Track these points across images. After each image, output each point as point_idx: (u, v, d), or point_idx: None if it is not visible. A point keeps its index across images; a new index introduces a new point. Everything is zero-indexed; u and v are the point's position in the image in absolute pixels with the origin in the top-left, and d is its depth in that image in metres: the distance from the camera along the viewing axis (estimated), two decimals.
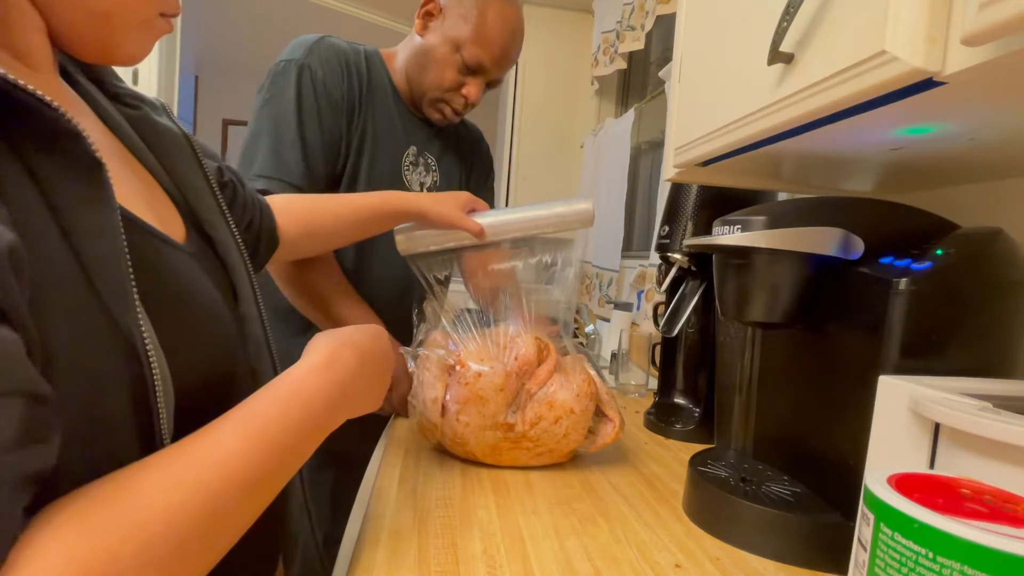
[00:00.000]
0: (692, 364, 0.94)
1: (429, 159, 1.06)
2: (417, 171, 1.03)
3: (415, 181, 1.03)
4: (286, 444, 0.33)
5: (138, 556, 0.24)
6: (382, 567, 0.46)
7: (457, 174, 1.12)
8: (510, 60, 0.98)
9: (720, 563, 0.50)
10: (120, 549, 0.23)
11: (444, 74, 0.94)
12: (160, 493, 0.26)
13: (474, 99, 0.97)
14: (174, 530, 0.26)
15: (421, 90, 0.97)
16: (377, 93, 0.97)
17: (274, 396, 0.35)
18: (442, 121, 1.01)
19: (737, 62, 0.55)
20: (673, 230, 0.88)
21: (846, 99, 0.38)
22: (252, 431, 0.32)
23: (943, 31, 0.32)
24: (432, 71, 0.95)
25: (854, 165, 0.60)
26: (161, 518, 0.25)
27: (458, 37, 0.92)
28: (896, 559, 0.26)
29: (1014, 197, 0.57)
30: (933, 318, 0.45)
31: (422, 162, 1.04)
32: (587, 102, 2.45)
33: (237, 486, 0.29)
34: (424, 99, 0.98)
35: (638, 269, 1.63)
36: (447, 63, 0.93)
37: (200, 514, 0.27)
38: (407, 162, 1.01)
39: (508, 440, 0.66)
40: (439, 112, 0.99)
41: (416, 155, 1.03)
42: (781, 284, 0.53)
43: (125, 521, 0.24)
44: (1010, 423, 0.30)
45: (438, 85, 0.95)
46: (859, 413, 0.45)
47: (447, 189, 1.07)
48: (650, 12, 1.66)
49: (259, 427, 0.32)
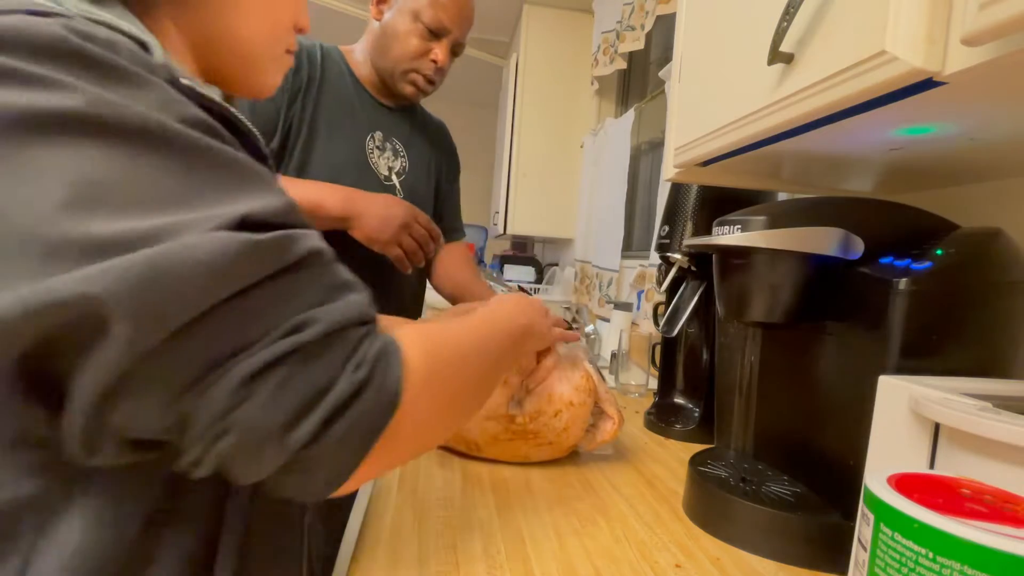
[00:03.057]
0: (692, 364, 0.94)
1: (396, 144, 1.06)
2: (384, 155, 1.04)
3: (383, 165, 1.04)
4: (503, 347, 0.48)
5: (450, 352, 0.39)
6: (382, 567, 0.46)
7: (426, 160, 1.12)
8: (468, 18, 1.01)
9: (720, 563, 0.50)
10: (441, 347, 0.38)
11: (408, 44, 0.96)
12: (460, 335, 0.41)
13: (443, 62, 0.99)
14: (465, 350, 0.41)
15: (389, 67, 0.99)
16: (331, 80, 0.98)
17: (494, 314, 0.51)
18: (416, 94, 1.02)
19: (737, 62, 0.55)
20: (673, 230, 0.88)
21: (846, 99, 0.38)
22: (490, 328, 0.47)
23: (943, 31, 0.32)
24: (396, 45, 0.97)
25: (854, 165, 0.60)
26: (463, 341, 0.41)
27: (415, 7, 0.95)
28: (896, 559, 0.26)
29: (1014, 197, 0.57)
30: (933, 318, 0.45)
31: (389, 147, 1.05)
32: (587, 102, 2.45)
33: (489, 352, 0.45)
34: (395, 75, 0.99)
35: (638, 269, 1.63)
36: (410, 33, 0.96)
37: (476, 353, 0.43)
38: (372, 146, 1.02)
39: (509, 431, 0.67)
40: (411, 84, 1.00)
41: (383, 139, 1.04)
42: (781, 284, 0.53)
43: (445, 335, 0.40)
44: (1010, 423, 0.30)
45: (405, 55, 0.97)
46: (859, 413, 0.45)
47: (417, 174, 1.09)
48: (650, 12, 1.66)
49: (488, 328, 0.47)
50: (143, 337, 0.26)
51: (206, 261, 0.26)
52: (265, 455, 0.29)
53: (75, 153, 0.27)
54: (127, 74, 0.29)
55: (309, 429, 0.28)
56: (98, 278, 0.25)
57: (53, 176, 0.26)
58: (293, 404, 0.28)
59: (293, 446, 0.28)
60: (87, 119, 0.27)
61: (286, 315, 0.29)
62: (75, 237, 0.26)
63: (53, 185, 0.26)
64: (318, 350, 0.29)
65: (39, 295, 0.25)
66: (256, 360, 0.28)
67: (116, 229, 0.26)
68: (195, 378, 0.27)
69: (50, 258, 0.25)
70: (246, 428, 0.28)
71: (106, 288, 0.25)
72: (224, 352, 0.27)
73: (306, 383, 0.29)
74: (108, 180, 0.27)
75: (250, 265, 0.28)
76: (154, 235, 0.26)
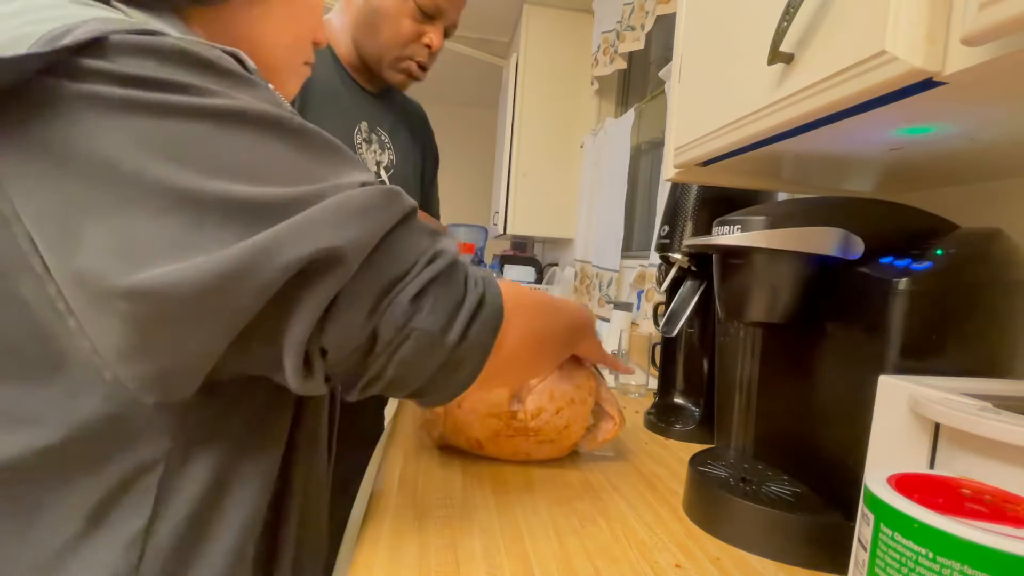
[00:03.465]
0: (692, 364, 0.94)
1: (382, 135, 0.96)
2: (372, 149, 0.94)
3: (371, 160, 0.94)
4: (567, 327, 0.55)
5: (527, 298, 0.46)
6: (382, 567, 0.46)
7: (412, 153, 1.03)
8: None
9: (720, 563, 0.50)
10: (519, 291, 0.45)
11: (400, 25, 0.86)
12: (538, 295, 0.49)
13: (437, 47, 0.90)
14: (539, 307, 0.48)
15: (377, 52, 0.89)
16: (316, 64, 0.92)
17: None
18: (406, 83, 0.93)
19: (737, 62, 0.55)
20: (673, 230, 0.88)
21: (846, 99, 0.38)
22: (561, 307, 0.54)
23: (943, 31, 0.32)
24: (386, 27, 0.87)
25: (854, 165, 0.60)
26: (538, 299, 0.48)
27: None
28: (896, 559, 0.26)
29: (1014, 197, 0.57)
30: (933, 318, 0.45)
31: (375, 139, 0.95)
32: (587, 102, 2.45)
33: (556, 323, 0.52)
34: (383, 61, 0.89)
35: (638, 269, 1.63)
36: (400, 13, 0.86)
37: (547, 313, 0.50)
38: (359, 139, 0.92)
39: (511, 428, 0.67)
40: (403, 72, 0.91)
41: (368, 131, 0.94)
42: (781, 284, 0.53)
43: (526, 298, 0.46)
44: (1010, 423, 0.30)
45: (396, 40, 0.87)
46: (859, 413, 0.45)
47: (404, 168, 1.00)
48: (650, 12, 1.66)
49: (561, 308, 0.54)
50: (354, 264, 0.33)
51: (370, 202, 0.35)
52: (432, 355, 0.37)
53: (237, 141, 0.33)
54: (255, 82, 0.36)
55: (459, 330, 0.37)
56: (315, 223, 0.32)
57: (222, 157, 0.32)
58: (446, 312, 0.37)
59: (450, 344, 0.37)
60: (248, 115, 0.34)
61: (423, 249, 0.37)
62: (243, 199, 0.32)
63: (222, 164, 0.32)
64: (450, 273, 0.38)
65: (272, 238, 0.31)
66: (416, 283, 0.36)
67: (276, 192, 0.33)
68: (380, 296, 0.35)
69: (236, 217, 0.32)
70: (421, 332, 0.36)
71: (332, 227, 0.33)
72: (394, 275, 0.35)
73: (450, 297, 0.37)
74: (275, 159, 0.34)
75: (390, 208, 0.36)
76: (314, 194, 0.34)
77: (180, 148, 0.31)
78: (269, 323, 0.33)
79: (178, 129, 0.31)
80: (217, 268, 0.30)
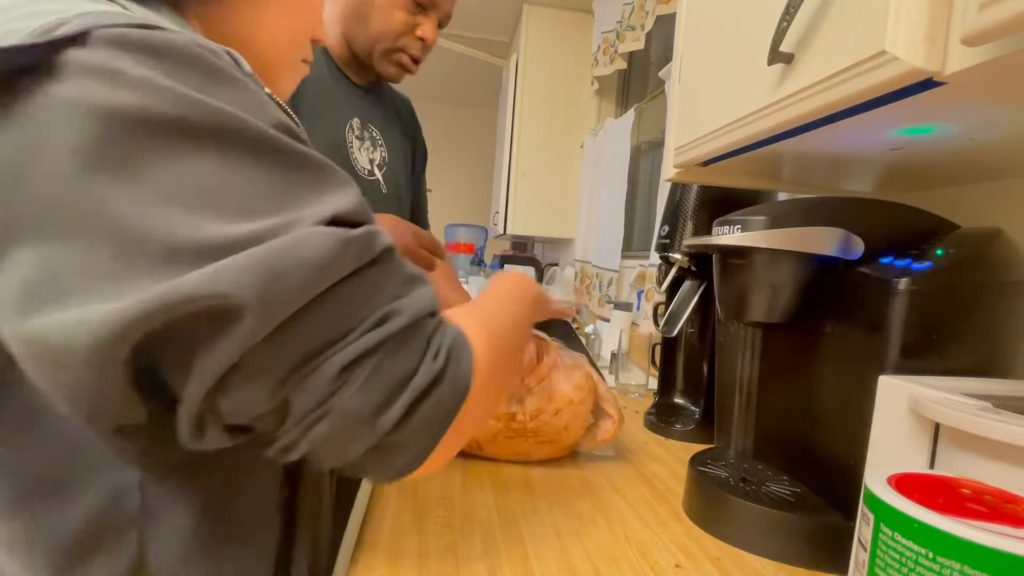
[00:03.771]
0: (692, 364, 0.94)
1: (374, 132, 0.93)
2: (364, 146, 0.91)
3: (363, 158, 0.90)
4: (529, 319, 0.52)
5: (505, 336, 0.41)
6: (382, 567, 0.46)
7: (402, 150, 1.00)
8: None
9: (720, 563, 0.50)
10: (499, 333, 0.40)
11: (392, 17, 0.84)
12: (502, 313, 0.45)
13: (431, 40, 0.87)
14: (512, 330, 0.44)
15: (368, 43, 0.86)
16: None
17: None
18: (398, 76, 0.90)
19: (737, 62, 0.55)
20: (673, 230, 0.88)
21: (846, 99, 0.38)
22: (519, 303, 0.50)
23: (943, 31, 0.32)
24: (377, 18, 0.84)
25: (854, 165, 0.60)
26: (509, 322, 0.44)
27: None
28: (896, 559, 0.26)
29: (1014, 197, 0.57)
30: (933, 318, 0.45)
31: (367, 135, 0.92)
32: (587, 102, 2.45)
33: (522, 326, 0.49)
34: (375, 54, 0.86)
35: (638, 269, 1.63)
36: (392, 4, 0.83)
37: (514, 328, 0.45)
38: (351, 137, 0.88)
39: (510, 429, 0.67)
40: (395, 64, 0.88)
41: (360, 127, 0.90)
42: (781, 284, 0.53)
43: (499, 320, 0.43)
44: (1010, 423, 0.30)
45: (388, 32, 0.85)
46: (859, 413, 0.45)
47: (395, 165, 0.97)
48: (650, 12, 1.66)
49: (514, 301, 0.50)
50: (261, 327, 0.28)
51: (314, 255, 0.29)
52: (357, 438, 0.31)
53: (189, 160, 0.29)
54: (234, 78, 0.31)
55: (396, 414, 0.31)
56: (226, 274, 0.27)
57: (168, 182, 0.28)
58: (383, 390, 0.31)
59: (382, 429, 0.31)
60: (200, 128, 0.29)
61: (374, 306, 0.32)
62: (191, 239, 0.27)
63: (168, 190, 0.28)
64: (403, 339, 0.32)
65: (170, 291, 0.26)
66: (352, 349, 0.30)
67: (227, 231, 0.28)
68: (298, 365, 0.29)
69: (171, 259, 0.27)
70: (342, 413, 0.30)
71: (232, 283, 0.27)
72: (324, 340, 0.30)
73: (394, 371, 0.31)
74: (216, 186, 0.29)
75: (346, 259, 0.30)
76: (262, 235, 0.29)
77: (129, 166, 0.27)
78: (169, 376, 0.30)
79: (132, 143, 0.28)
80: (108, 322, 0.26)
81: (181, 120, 0.28)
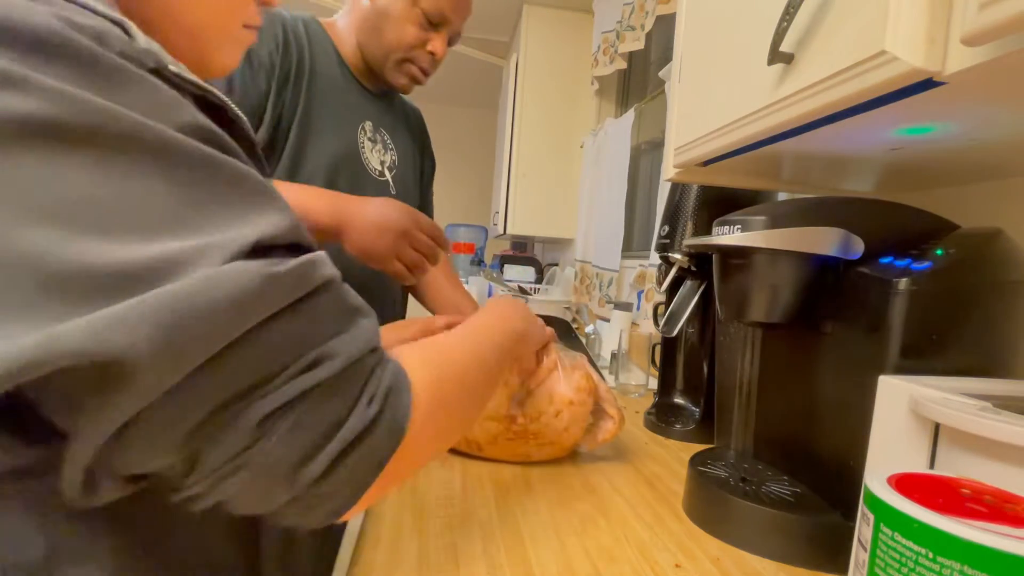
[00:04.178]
0: (692, 364, 0.94)
1: (384, 135, 0.97)
2: (376, 148, 0.95)
3: (375, 159, 0.94)
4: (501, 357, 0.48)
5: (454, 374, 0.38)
6: (382, 567, 0.46)
7: (411, 154, 1.04)
8: (468, 7, 0.92)
9: (720, 563, 0.50)
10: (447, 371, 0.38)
11: (405, 31, 0.88)
12: (459, 352, 0.41)
13: (441, 54, 0.91)
14: (466, 368, 0.40)
15: (381, 54, 0.90)
16: (320, 61, 0.88)
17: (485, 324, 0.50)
18: (408, 86, 0.94)
19: (737, 62, 0.55)
20: (673, 230, 0.88)
21: (846, 99, 0.38)
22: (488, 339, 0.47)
23: (943, 31, 0.32)
24: (390, 30, 0.88)
25: (854, 165, 0.60)
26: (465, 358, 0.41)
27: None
28: (896, 559, 0.26)
29: (1014, 197, 0.57)
30: (933, 318, 0.45)
31: (379, 138, 0.96)
32: (587, 102, 2.45)
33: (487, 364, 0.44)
34: (387, 64, 0.91)
35: (638, 269, 1.63)
36: (406, 19, 0.87)
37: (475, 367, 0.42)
38: (363, 138, 0.93)
39: (510, 431, 0.67)
40: (406, 75, 0.92)
41: (373, 130, 0.95)
42: (781, 284, 0.53)
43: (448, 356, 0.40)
44: (1010, 423, 0.30)
45: (400, 44, 0.88)
46: (859, 413, 0.45)
47: (404, 169, 1.01)
48: (650, 12, 1.66)
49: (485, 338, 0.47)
50: (162, 382, 0.24)
51: (229, 298, 0.25)
52: (274, 492, 0.28)
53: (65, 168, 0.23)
54: (121, 73, 0.26)
55: (319, 468, 0.28)
56: (118, 327, 0.22)
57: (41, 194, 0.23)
58: (307, 442, 0.27)
59: (303, 483, 0.28)
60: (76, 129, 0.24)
61: (304, 348, 0.28)
62: (74, 268, 0.23)
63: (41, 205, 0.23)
64: (334, 385, 0.28)
65: (46, 345, 0.22)
66: (274, 397, 0.27)
67: (119, 258, 0.23)
68: (208, 417, 0.26)
69: (49, 294, 0.22)
70: (258, 467, 0.27)
71: (126, 339, 0.22)
72: (242, 387, 0.26)
73: (321, 419, 0.28)
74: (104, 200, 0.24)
75: (271, 299, 0.26)
76: (164, 267, 0.24)
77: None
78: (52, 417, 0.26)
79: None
80: None
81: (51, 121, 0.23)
